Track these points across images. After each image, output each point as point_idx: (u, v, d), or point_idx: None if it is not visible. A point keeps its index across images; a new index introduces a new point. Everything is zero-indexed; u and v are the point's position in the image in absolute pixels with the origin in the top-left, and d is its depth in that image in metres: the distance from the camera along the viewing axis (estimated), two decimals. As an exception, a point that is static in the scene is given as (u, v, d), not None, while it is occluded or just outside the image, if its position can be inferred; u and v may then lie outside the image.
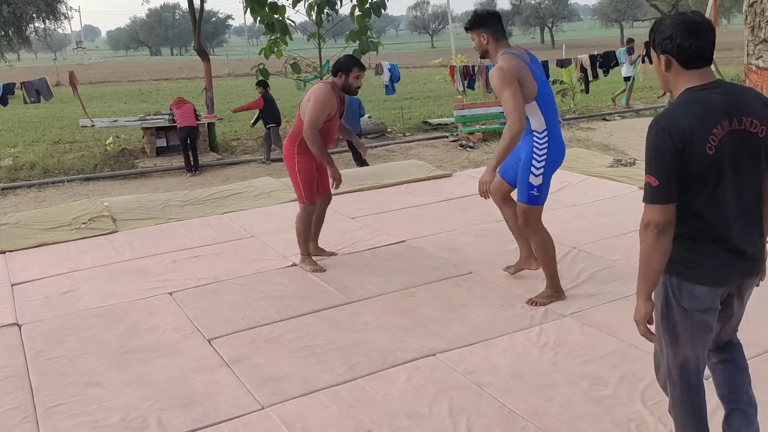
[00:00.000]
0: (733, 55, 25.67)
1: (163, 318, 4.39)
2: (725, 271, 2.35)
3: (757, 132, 2.29)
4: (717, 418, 2.77)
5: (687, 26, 2.26)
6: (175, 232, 6.27)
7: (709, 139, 2.22)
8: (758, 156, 2.32)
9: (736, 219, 2.31)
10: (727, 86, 2.33)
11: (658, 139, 2.25)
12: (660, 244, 2.27)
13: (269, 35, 12.46)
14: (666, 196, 2.25)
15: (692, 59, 2.27)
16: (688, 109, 2.26)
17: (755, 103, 2.32)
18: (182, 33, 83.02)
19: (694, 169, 2.24)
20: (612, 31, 67.35)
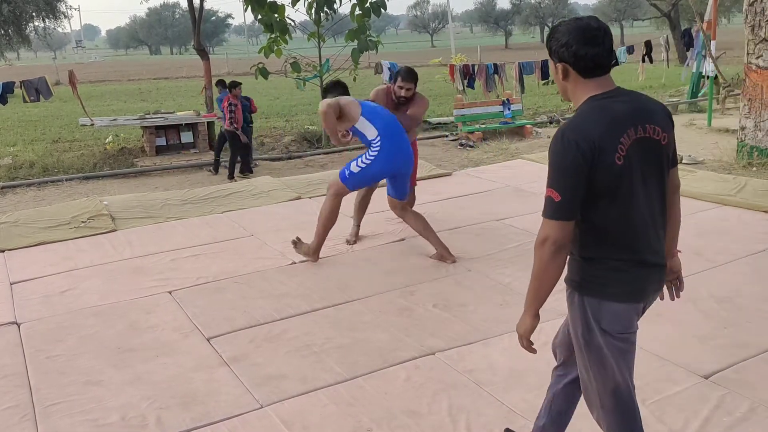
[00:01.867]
0: (734, 54, 25.65)
1: (162, 317, 4.39)
2: (642, 285, 2.26)
3: (660, 139, 2.20)
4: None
5: (583, 32, 2.15)
6: (174, 231, 6.27)
7: (617, 149, 2.10)
8: (661, 164, 2.23)
9: (646, 230, 2.22)
10: (628, 94, 2.23)
11: (565, 152, 2.09)
12: (557, 261, 2.18)
13: (269, 34, 12.45)
14: (569, 212, 2.12)
15: (589, 67, 2.15)
16: (595, 118, 2.13)
17: (656, 110, 2.24)
18: (182, 32, 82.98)
19: (604, 181, 2.11)
20: (612, 30, 67.30)
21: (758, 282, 4.54)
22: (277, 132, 15.03)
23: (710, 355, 3.60)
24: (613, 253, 2.21)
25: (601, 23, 2.18)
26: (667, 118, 2.26)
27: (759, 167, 8.07)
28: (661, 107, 2.27)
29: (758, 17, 8.15)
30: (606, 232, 2.20)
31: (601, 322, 2.25)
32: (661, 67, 18.01)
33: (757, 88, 8.30)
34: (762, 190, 6.65)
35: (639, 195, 2.17)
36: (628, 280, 2.22)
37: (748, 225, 5.76)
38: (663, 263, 2.30)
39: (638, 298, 2.27)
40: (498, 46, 64.19)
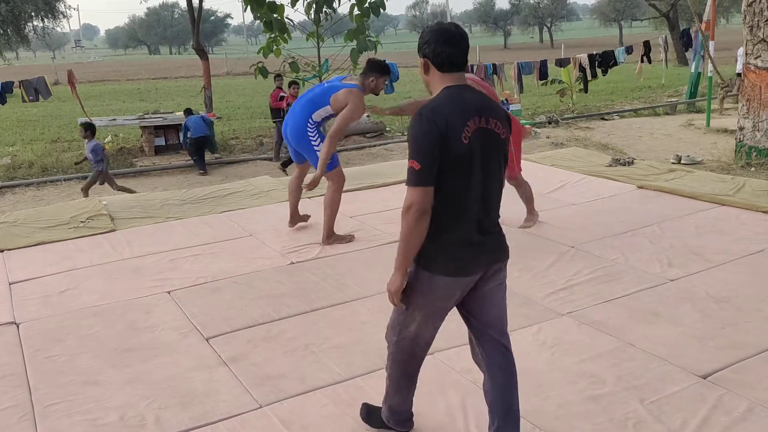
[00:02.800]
0: (732, 55, 25.70)
1: (161, 317, 4.39)
2: (468, 261, 2.53)
3: (500, 133, 2.52)
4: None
5: (442, 34, 2.50)
6: (173, 231, 6.26)
7: (464, 130, 2.41)
8: (501, 154, 2.56)
9: (480, 212, 2.51)
10: (476, 92, 2.55)
11: (422, 126, 2.40)
12: (421, 224, 2.43)
13: (268, 34, 12.45)
14: (427, 178, 2.39)
15: (445, 63, 2.50)
16: (447, 102, 2.46)
17: (499, 109, 2.57)
18: (181, 32, 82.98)
19: (451, 155, 2.40)
20: (611, 30, 67.34)
21: (756, 282, 4.54)
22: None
23: (708, 355, 3.60)
24: (450, 228, 2.50)
25: (460, 30, 2.54)
26: (506, 117, 2.59)
27: (757, 167, 8.09)
28: (500, 108, 2.60)
29: (756, 18, 8.16)
30: (445, 208, 2.47)
31: (424, 286, 2.57)
32: (659, 67, 18.03)
33: (755, 88, 8.31)
34: (760, 190, 6.66)
35: (476, 177, 2.48)
36: (453, 257, 2.51)
37: (746, 225, 5.77)
38: (493, 242, 2.60)
39: (462, 274, 2.55)
40: (497, 46, 64.20)
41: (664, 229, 5.75)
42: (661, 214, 6.16)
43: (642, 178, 7.51)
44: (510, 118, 2.65)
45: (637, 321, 4.03)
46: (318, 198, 7.24)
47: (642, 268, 4.85)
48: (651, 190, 7.02)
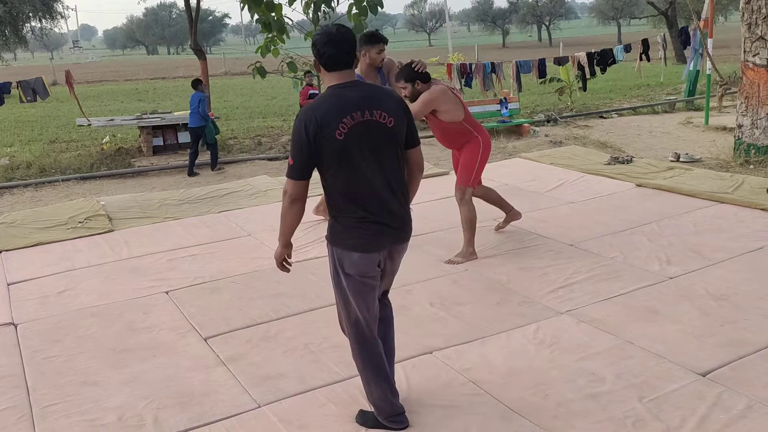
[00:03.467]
0: (731, 52, 25.70)
1: (159, 317, 4.38)
2: (372, 239, 2.80)
3: (386, 123, 2.77)
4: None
5: (324, 36, 2.75)
6: (171, 231, 6.26)
7: (338, 127, 2.67)
8: (392, 141, 2.80)
9: (378, 195, 2.78)
10: (365, 86, 2.84)
11: (296, 128, 2.73)
12: (293, 209, 2.81)
13: (266, 34, 12.44)
14: (298, 173, 2.74)
15: (329, 63, 2.76)
16: (324, 102, 2.73)
17: (388, 99, 2.82)
18: (179, 32, 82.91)
19: (328, 151, 2.69)
20: (609, 28, 67.31)
21: (755, 279, 4.54)
22: (274, 131, 15.01)
23: (707, 352, 3.60)
24: (350, 212, 2.79)
25: (342, 31, 2.77)
26: (398, 105, 2.84)
27: (756, 165, 8.08)
28: (392, 97, 2.86)
29: (755, 15, 8.16)
30: (342, 194, 2.78)
31: (344, 267, 2.84)
32: (658, 65, 18.03)
33: (753, 86, 8.30)
34: (759, 188, 6.66)
35: (363, 165, 2.74)
36: (361, 235, 2.79)
37: (744, 223, 5.76)
38: (398, 221, 2.85)
39: (371, 249, 2.81)
40: (495, 45, 64.20)
41: (663, 227, 5.74)
42: (660, 212, 6.16)
43: (641, 176, 7.50)
44: (405, 106, 2.88)
45: (635, 319, 4.03)
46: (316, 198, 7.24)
47: (641, 266, 4.85)
48: (650, 188, 7.01)
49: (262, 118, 17.68)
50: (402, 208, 2.87)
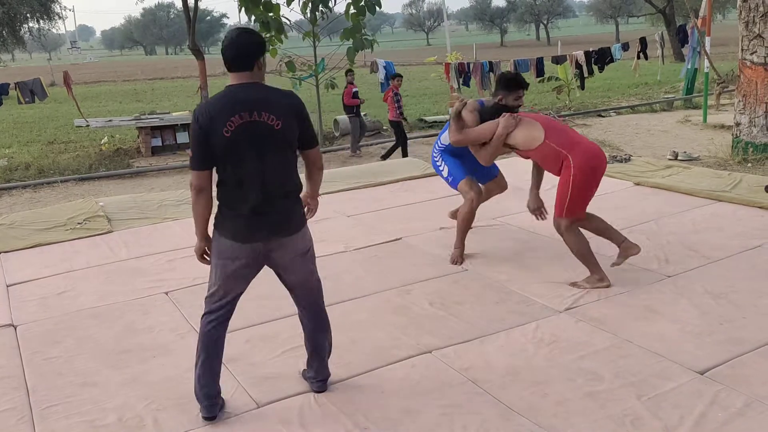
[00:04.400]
0: (729, 50, 25.71)
1: (159, 317, 4.39)
2: (246, 231, 2.99)
3: (274, 125, 2.91)
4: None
5: (228, 40, 2.93)
6: (170, 232, 6.26)
7: (226, 125, 2.85)
8: (277, 142, 2.94)
9: (257, 190, 2.94)
10: (260, 88, 2.95)
11: (192, 123, 2.93)
12: (200, 199, 2.99)
13: (264, 34, 12.44)
14: (198, 164, 2.93)
15: (228, 65, 2.93)
16: (217, 100, 2.92)
17: (281, 102, 2.96)
18: (177, 32, 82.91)
19: (217, 146, 2.88)
20: (607, 27, 67.40)
21: (753, 278, 4.55)
22: (273, 131, 15.00)
23: (706, 350, 3.61)
24: (231, 203, 2.98)
25: (244, 36, 2.94)
26: (290, 109, 2.97)
27: (754, 163, 8.10)
28: (285, 102, 2.97)
29: (752, 13, 8.17)
30: (227, 187, 2.97)
31: (218, 249, 3.07)
32: (656, 63, 18.06)
33: (751, 84, 8.31)
34: (757, 186, 6.67)
35: (247, 162, 2.91)
36: (234, 226, 2.99)
37: (742, 221, 5.78)
38: (277, 216, 3.00)
39: (242, 240, 3.00)
40: (493, 44, 64.22)
41: (661, 225, 5.75)
42: (658, 210, 6.17)
43: (639, 174, 7.51)
44: (299, 110, 2.99)
45: (634, 317, 4.04)
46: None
47: (639, 264, 4.85)
48: (648, 187, 7.02)
49: (261, 118, 17.67)
50: (283, 204, 3.02)
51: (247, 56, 2.92)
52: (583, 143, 4.53)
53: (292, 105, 2.99)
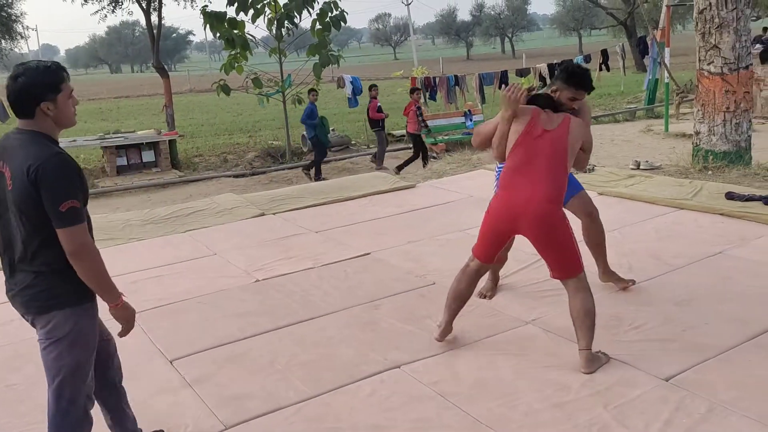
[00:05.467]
0: (689, 60, 26.26)
1: (123, 340, 4.26)
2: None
3: (8, 184, 2.46)
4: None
5: (8, 80, 2.48)
6: (135, 252, 6.18)
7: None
8: (11, 205, 2.48)
9: (5, 256, 2.58)
10: (22, 138, 2.46)
11: None
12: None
13: (229, 51, 12.42)
14: None
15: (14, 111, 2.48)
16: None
17: (19, 157, 2.43)
18: (142, 50, 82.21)
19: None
20: (570, 39, 68.45)
21: (714, 284, 4.63)
22: (240, 148, 14.95)
23: (670, 357, 3.66)
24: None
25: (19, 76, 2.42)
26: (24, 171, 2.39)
27: (714, 171, 8.27)
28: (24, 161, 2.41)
29: (708, 24, 8.36)
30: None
31: None
32: (618, 74, 18.38)
33: (709, 93, 8.50)
34: (717, 193, 6.81)
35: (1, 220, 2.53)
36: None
37: (703, 228, 5.88)
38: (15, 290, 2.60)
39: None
40: (460, 58, 64.83)
41: (625, 234, 5.83)
42: (622, 219, 6.25)
43: (603, 184, 7.62)
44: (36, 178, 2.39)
45: (600, 326, 4.06)
46: (284, 214, 7.22)
47: (604, 273, 4.90)
48: (612, 197, 7.12)
49: (228, 135, 17.60)
50: (23, 279, 2.55)
51: (26, 102, 2.44)
52: (513, 192, 3.60)
53: (28, 167, 2.39)
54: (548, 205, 3.53)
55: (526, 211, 3.53)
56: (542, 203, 3.52)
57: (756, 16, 32.12)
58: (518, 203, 3.56)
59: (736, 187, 7.02)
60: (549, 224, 3.55)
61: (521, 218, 3.56)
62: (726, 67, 8.29)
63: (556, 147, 3.59)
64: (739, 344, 3.76)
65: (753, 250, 5.27)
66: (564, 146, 3.60)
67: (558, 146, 3.59)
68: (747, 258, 5.10)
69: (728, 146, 8.42)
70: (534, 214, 3.52)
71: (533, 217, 3.52)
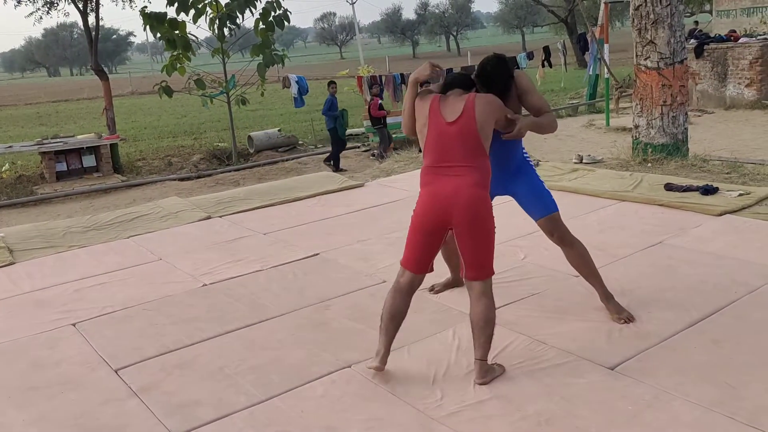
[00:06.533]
0: (628, 56, 26.93)
1: (66, 351, 4.20)
2: None
3: None
4: None
5: None
6: (77, 260, 6.01)
7: None
8: None
9: None
10: None
11: None
12: None
13: (171, 52, 12.21)
14: None
15: None
16: None
17: None
18: (81, 52, 79.90)
19: None
20: (514, 37, 69.48)
21: (655, 273, 4.76)
22: (185, 151, 14.71)
23: (615, 346, 3.75)
24: None
25: None
26: None
27: (653, 163, 8.50)
28: None
29: (644, 21, 8.59)
30: None
31: None
32: (560, 71, 18.73)
33: (647, 88, 8.74)
34: (656, 185, 7.00)
35: None
36: None
37: (644, 219, 6.04)
38: None
39: None
40: (406, 56, 65.10)
41: (570, 227, 5.90)
42: (566, 213, 6.28)
43: (547, 179, 7.72)
44: None
45: (547, 318, 4.15)
46: (231, 216, 7.13)
47: (550, 266, 5.00)
48: (555, 191, 7.20)
49: (172, 138, 17.28)
50: None
51: None
52: (438, 186, 3.50)
53: None
54: (478, 190, 3.44)
55: (457, 199, 3.41)
56: (471, 188, 3.43)
57: (690, 12, 33.18)
58: (447, 194, 3.44)
59: (674, 179, 7.23)
60: (480, 210, 3.43)
61: (453, 207, 3.41)
62: (662, 61, 8.54)
63: (466, 137, 3.49)
64: (680, 331, 3.88)
65: (692, 239, 5.44)
66: (474, 134, 3.48)
67: (467, 135, 3.48)
68: (686, 247, 5.26)
69: (666, 139, 8.68)
70: (466, 199, 3.41)
71: (465, 201, 3.40)
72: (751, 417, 3.02)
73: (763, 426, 2.95)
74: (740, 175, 7.57)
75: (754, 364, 3.47)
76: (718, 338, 3.77)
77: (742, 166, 8.42)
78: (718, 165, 8.40)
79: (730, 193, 6.47)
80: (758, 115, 14.33)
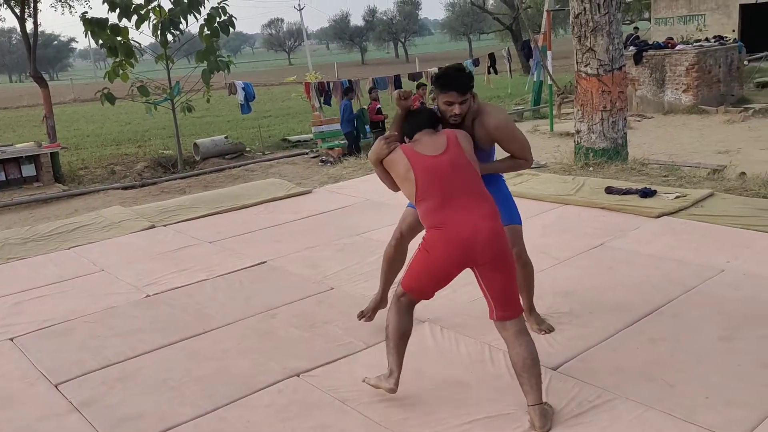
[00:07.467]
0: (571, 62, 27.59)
1: (3, 366, 4.06)
2: None
3: None
4: None
5: None
6: (15, 273, 5.83)
7: None
8: None
9: None
10: None
11: None
12: None
13: (113, 58, 11.97)
14: None
15: None
16: None
17: None
18: (21, 58, 77.55)
19: None
20: (460, 44, 70.31)
21: (597, 275, 4.88)
22: (128, 159, 14.42)
23: (558, 347, 3.82)
24: None
25: None
26: None
27: (594, 167, 8.70)
28: None
29: (583, 28, 8.81)
30: None
31: None
32: (506, 77, 19.03)
33: (587, 94, 8.95)
34: (597, 188, 7.17)
35: None
36: None
37: (586, 222, 6.18)
38: None
39: None
40: (354, 62, 65.23)
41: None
42: (512, 217, 6.46)
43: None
44: None
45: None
46: (175, 225, 7.00)
47: (496, 270, 5.05)
48: (502, 195, 7.34)
49: (116, 146, 16.93)
50: None
51: None
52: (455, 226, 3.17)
53: None
54: (494, 223, 3.18)
55: (477, 240, 3.11)
56: (488, 221, 3.16)
57: (629, 19, 34.17)
58: (466, 237, 3.12)
59: (614, 182, 7.42)
60: (501, 246, 3.16)
61: (474, 250, 3.12)
62: (601, 68, 8.76)
63: (459, 166, 3.28)
64: (620, 330, 3.98)
65: (631, 240, 5.59)
66: (466, 162, 3.31)
67: (460, 164, 3.29)
68: (626, 248, 5.40)
69: (606, 143, 8.90)
70: (486, 235, 3.12)
71: (485, 238, 3.11)
72: (688, 413, 3.11)
73: (700, 422, 3.04)
74: (677, 178, 7.81)
75: (690, 362, 3.58)
76: (656, 337, 3.88)
77: (679, 169, 8.70)
78: (656, 168, 8.65)
79: (667, 196, 6.67)
80: (695, 119, 14.84)
